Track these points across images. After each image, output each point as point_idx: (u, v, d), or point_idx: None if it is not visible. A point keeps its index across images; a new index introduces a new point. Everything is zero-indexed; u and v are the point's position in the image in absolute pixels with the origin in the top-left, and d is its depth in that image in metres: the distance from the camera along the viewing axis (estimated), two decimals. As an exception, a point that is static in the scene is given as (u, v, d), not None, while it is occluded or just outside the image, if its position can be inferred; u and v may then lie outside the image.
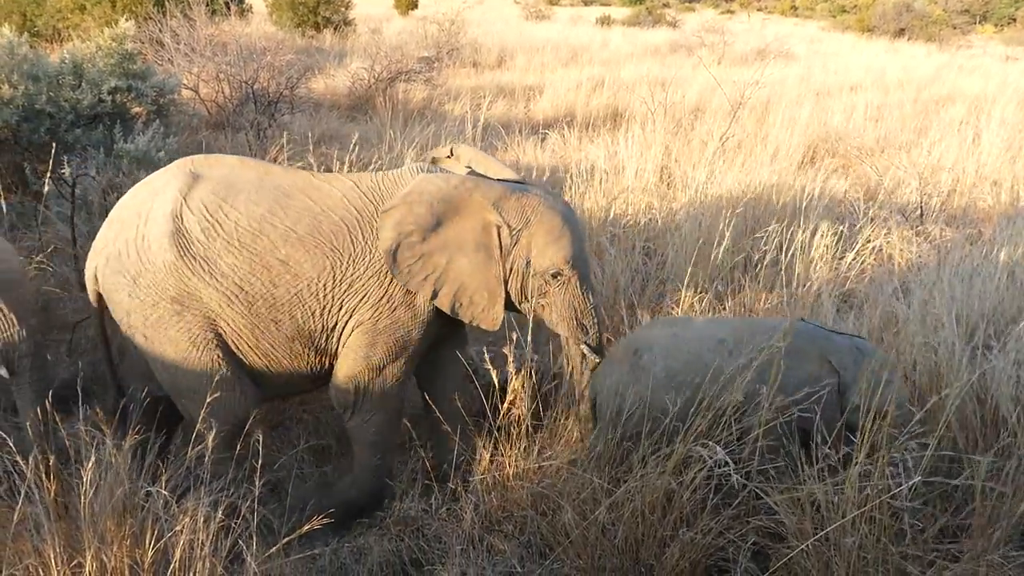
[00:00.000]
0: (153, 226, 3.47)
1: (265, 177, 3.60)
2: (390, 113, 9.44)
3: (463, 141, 7.71)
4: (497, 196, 3.60)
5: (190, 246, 3.43)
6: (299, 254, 3.46)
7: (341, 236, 3.51)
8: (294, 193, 3.55)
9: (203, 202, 3.48)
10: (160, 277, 3.42)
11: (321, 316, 3.52)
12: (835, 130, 9.94)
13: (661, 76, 13.22)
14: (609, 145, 8.48)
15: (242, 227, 3.45)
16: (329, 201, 3.57)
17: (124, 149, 6.27)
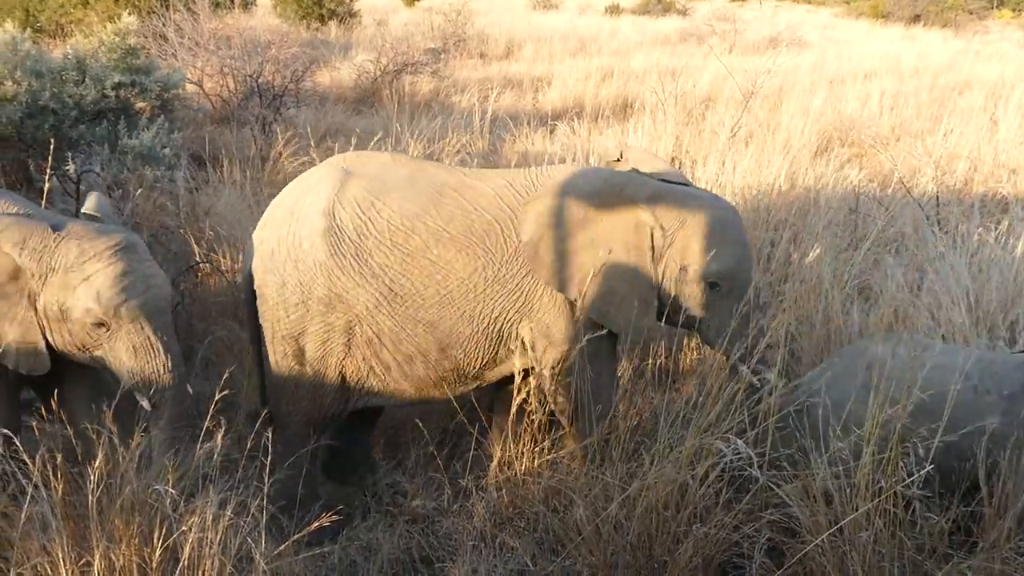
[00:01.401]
0: (305, 224, 3.45)
1: (418, 174, 3.55)
2: (396, 106, 9.43)
3: (470, 134, 7.71)
4: (651, 194, 3.42)
5: (340, 244, 3.40)
6: (450, 254, 3.39)
7: (494, 235, 3.42)
8: (447, 191, 3.49)
9: (356, 200, 3.45)
10: (309, 276, 3.42)
11: (473, 319, 3.44)
12: (849, 119, 9.89)
13: (671, 66, 13.17)
14: (619, 136, 8.47)
15: (394, 225, 3.42)
16: (482, 200, 3.48)
17: (128, 145, 6.30)
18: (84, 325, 3.20)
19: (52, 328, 3.25)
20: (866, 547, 2.89)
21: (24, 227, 3.21)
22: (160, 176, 6.06)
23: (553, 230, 3.38)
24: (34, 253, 3.19)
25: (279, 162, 7.24)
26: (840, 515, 2.97)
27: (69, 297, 3.18)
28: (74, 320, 3.21)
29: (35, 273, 3.20)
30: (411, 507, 3.64)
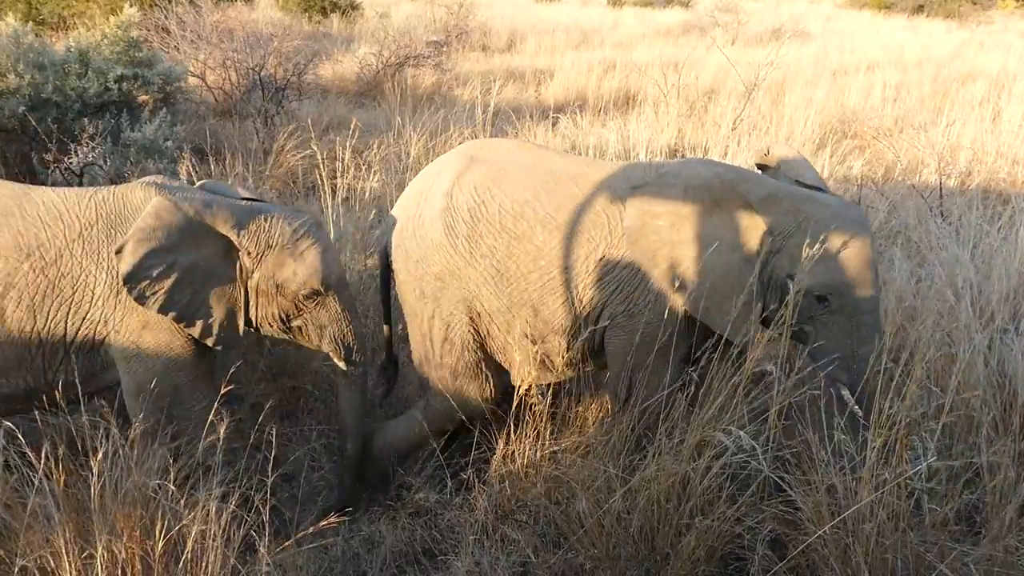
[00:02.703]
0: (429, 205, 3.60)
1: (539, 162, 3.61)
2: (399, 99, 9.42)
3: (473, 126, 7.69)
4: (766, 195, 3.28)
5: (455, 225, 3.52)
6: (555, 240, 3.44)
7: (600, 225, 3.42)
8: (562, 179, 3.53)
9: (474, 184, 3.56)
10: (428, 253, 3.56)
11: (575, 306, 3.47)
12: (852, 110, 9.85)
13: (674, 58, 13.12)
14: (622, 128, 8.44)
15: (505, 209, 3.50)
16: (594, 188, 3.50)
17: (131, 138, 6.29)
18: (296, 297, 3.41)
19: (259, 303, 3.43)
20: (869, 539, 2.89)
21: (240, 210, 3.38)
22: (163, 169, 6.05)
23: (656, 219, 3.33)
24: (250, 233, 3.35)
25: (281, 155, 7.23)
26: (843, 506, 2.96)
27: (285, 273, 3.37)
28: (288, 293, 3.41)
29: (251, 251, 3.36)
30: (414, 500, 3.63)
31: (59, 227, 3.24)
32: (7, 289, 3.17)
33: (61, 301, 3.23)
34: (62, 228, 3.24)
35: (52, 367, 3.30)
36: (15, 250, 3.18)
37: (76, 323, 3.26)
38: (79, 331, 3.27)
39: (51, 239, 3.21)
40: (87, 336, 3.29)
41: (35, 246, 3.19)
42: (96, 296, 3.25)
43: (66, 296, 3.23)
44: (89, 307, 3.26)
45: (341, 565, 3.37)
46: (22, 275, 3.17)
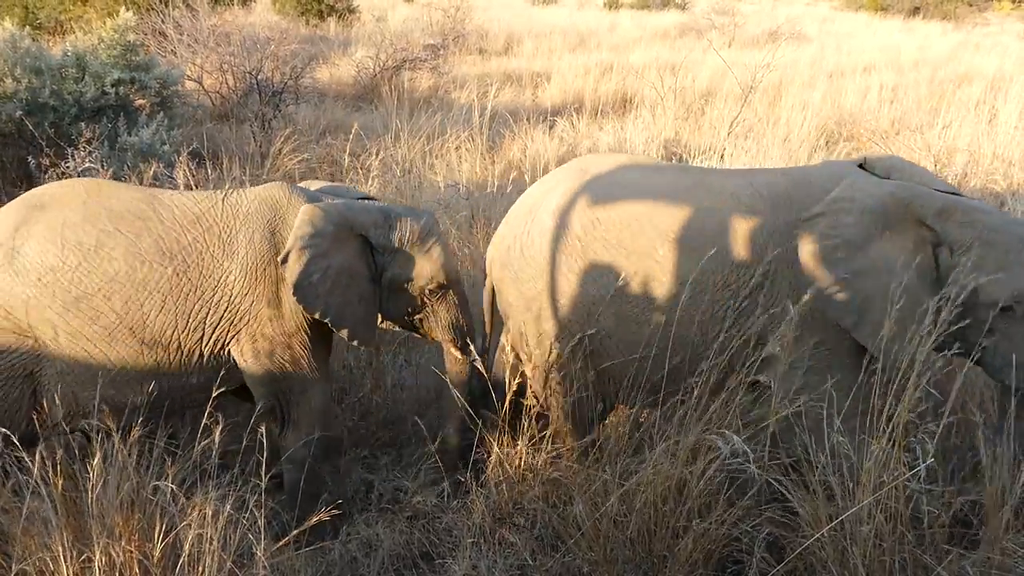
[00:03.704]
0: (538, 222, 3.54)
1: (653, 175, 3.49)
2: (396, 102, 9.42)
3: (470, 129, 7.70)
4: (939, 209, 3.13)
5: (567, 243, 3.43)
6: (677, 256, 3.28)
7: (726, 239, 3.24)
8: (680, 192, 3.38)
9: (586, 199, 3.46)
10: (538, 272, 3.49)
11: (701, 324, 3.30)
12: (849, 112, 9.87)
13: (671, 60, 13.14)
14: (619, 131, 8.45)
15: (621, 225, 3.37)
16: (717, 201, 3.33)
17: (128, 142, 6.29)
18: (422, 292, 3.57)
19: (389, 299, 3.59)
20: (867, 541, 2.89)
21: (372, 212, 3.52)
22: (159, 173, 6.04)
23: (834, 252, 3.12)
24: (382, 234, 3.51)
25: (278, 159, 7.23)
26: (841, 509, 2.97)
27: (414, 268, 3.55)
28: (417, 288, 3.57)
29: (384, 250, 3.51)
30: (411, 503, 3.63)
31: (199, 230, 3.32)
32: (151, 293, 3.23)
33: (202, 303, 3.30)
34: (202, 231, 3.33)
35: (187, 370, 3.37)
36: (158, 255, 3.25)
37: (213, 324, 3.34)
38: (215, 331, 3.36)
39: (192, 242, 3.30)
40: (221, 336, 3.38)
41: (177, 250, 3.27)
42: (234, 295, 3.34)
43: (207, 298, 3.31)
44: (227, 307, 3.35)
45: (339, 568, 3.36)
46: (166, 279, 3.25)
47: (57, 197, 3.30)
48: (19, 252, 3.18)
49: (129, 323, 3.21)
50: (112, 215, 3.25)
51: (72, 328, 3.18)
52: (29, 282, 3.16)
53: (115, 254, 3.20)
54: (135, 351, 3.24)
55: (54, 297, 3.16)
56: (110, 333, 3.20)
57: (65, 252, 3.17)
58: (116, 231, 3.22)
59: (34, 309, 3.17)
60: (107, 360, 3.22)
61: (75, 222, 3.21)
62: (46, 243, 3.18)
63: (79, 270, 3.17)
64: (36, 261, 3.17)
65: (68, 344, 3.20)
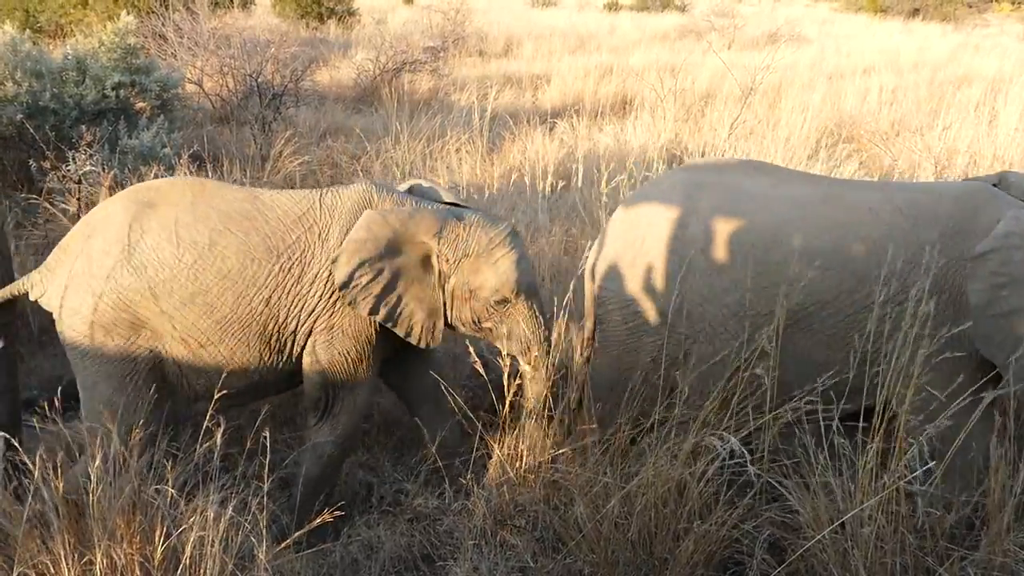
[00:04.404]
0: (655, 232, 3.46)
1: (782, 186, 3.42)
2: (396, 104, 9.43)
3: (470, 131, 7.70)
4: None
5: (690, 256, 3.36)
6: (813, 272, 3.18)
7: (865, 257, 3.15)
8: (812, 204, 3.30)
9: (712, 209, 3.38)
10: (659, 283, 3.42)
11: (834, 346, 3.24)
12: (849, 114, 9.88)
13: (670, 62, 13.16)
14: (619, 133, 8.46)
15: (752, 239, 3.29)
16: (855, 216, 3.25)
17: (128, 145, 6.30)
18: (487, 302, 3.56)
19: (454, 306, 3.61)
20: (868, 542, 2.89)
21: (440, 218, 3.55)
22: (160, 176, 6.05)
23: (1001, 292, 3.07)
24: (448, 241, 3.53)
25: (279, 161, 7.24)
26: (842, 510, 2.97)
27: (478, 279, 3.54)
28: (480, 299, 3.57)
29: (449, 258, 3.55)
30: (412, 505, 3.63)
31: (301, 230, 3.49)
32: (259, 289, 3.41)
33: (299, 297, 3.48)
34: (303, 231, 3.49)
35: (281, 360, 3.55)
36: (266, 252, 3.42)
37: (303, 317, 3.50)
38: (304, 324, 3.52)
39: (295, 241, 3.47)
40: (307, 329, 3.53)
41: (283, 248, 3.45)
42: (324, 291, 3.49)
43: (304, 292, 3.48)
44: (317, 301, 3.50)
45: (340, 571, 3.36)
46: (273, 275, 3.42)
47: (165, 195, 3.47)
48: (136, 249, 3.35)
49: (239, 316, 3.40)
50: (221, 215, 3.43)
51: (188, 322, 3.37)
52: (147, 277, 3.34)
53: (228, 252, 3.38)
54: (243, 343, 3.45)
55: (172, 293, 3.34)
56: (222, 326, 3.40)
57: (181, 250, 3.35)
58: (227, 230, 3.41)
59: (153, 303, 3.35)
60: (218, 351, 3.44)
61: (188, 221, 3.39)
62: (162, 241, 3.36)
63: (195, 267, 3.35)
64: (153, 258, 3.35)
65: (185, 336, 3.40)
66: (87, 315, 3.35)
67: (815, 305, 3.15)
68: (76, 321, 3.37)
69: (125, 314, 3.35)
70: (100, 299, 3.33)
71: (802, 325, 3.16)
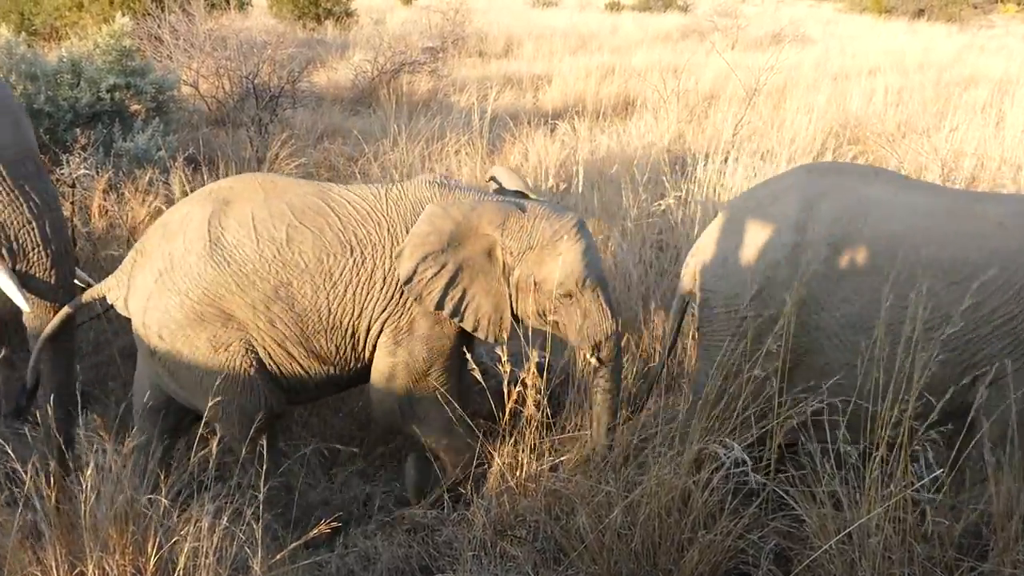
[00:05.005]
0: (766, 232, 3.38)
1: (901, 193, 3.34)
2: (394, 106, 9.42)
3: (469, 133, 7.70)
4: None
5: (807, 259, 3.27)
6: (939, 285, 3.11)
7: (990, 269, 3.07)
8: (938, 214, 3.24)
9: (835, 215, 3.29)
10: (774, 288, 3.33)
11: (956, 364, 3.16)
12: (854, 115, 9.86)
13: (673, 62, 13.15)
14: (621, 134, 8.45)
15: (877, 248, 3.22)
16: (983, 228, 3.18)
17: (123, 147, 6.29)
18: (552, 295, 3.55)
19: (519, 298, 3.62)
20: (876, 553, 2.87)
21: (503, 210, 3.57)
22: (155, 179, 6.05)
23: None
24: (512, 233, 3.55)
25: (275, 164, 7.23)
26: (849, 520, 2.95)
27: (543, 271, 3.54)
28: (544, 292, 3.56)
29: (512, 251, 3.55)
30: (410, 515, 3.61)
31: (372, 225, 3.57)
32: (334, 284, 3.50)
33: (372, 292, 3.55)
34: (374, 226, 3.57)
35: (354, 355, 3.64)
36: (340, 247, 3.51)
37: (376, 313, 3.57)
38: (376, 320, 3.58)
39: (367, 236, 3.55)
40: (380, 325, 3.59)
41: (355, 243, 3.53)
42: (396, 287, 3.56)
43: (377, 288, 3.55)
44: (390, 296, 3.56)
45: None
46: (347, 270, 3.51)
47: (239, 192, 3.58)
48: (217, 244, 3.46)
49: (317, 310, 3.50)
50: (295, 211, 3.53)
51: (272, 314, 3.48)
52: (231, 272, 3.44)
53: (304, 247, 3.48)
54: (321, 336, 3.55)
55: (255, 286, 3.45)
56: (301, 319, 3.50)
57: (261, 245, 3.46)
58: (302, 225, 3.51)
59: (239, 297, 3.45)
60: (300, 343, 3.55)
61: (264, 217, 3.50)
62: (241, 236, 3.47)
63: (275, 262, 3.46)
64: (235, 253, 3.45)
65: (268, 330, 3.49)
66: (176, 313, 3.45)
67: (940, 319, 3.05)
68: (166, 320, 3.47)
69: (212, 308, 3.45)
70: (186, 296, 3.44)
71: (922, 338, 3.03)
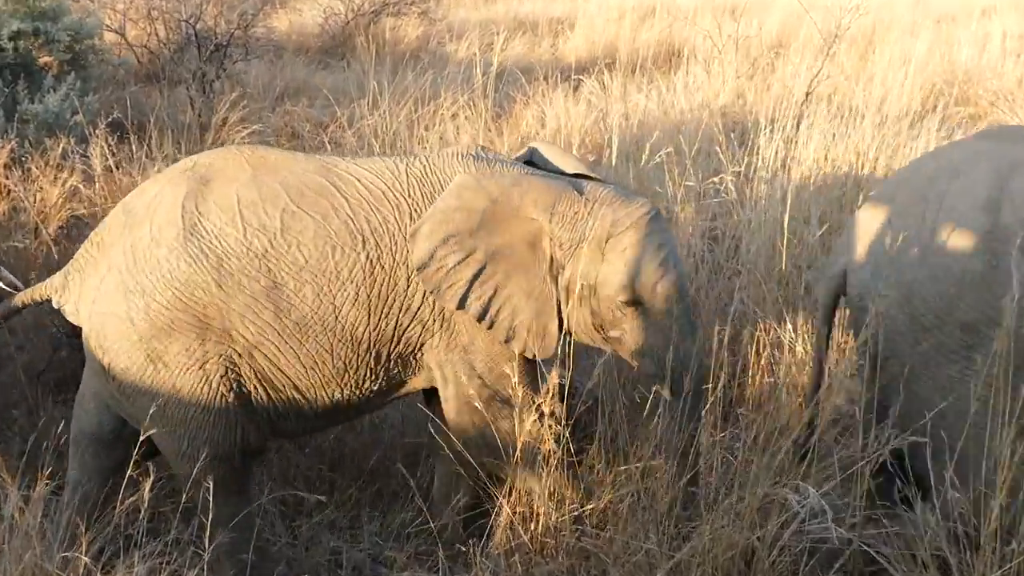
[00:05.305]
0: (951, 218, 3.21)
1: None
2: (374, 57, 9.44)
3: (470, 92, 7.71)
4: None
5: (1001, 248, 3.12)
6: None
7: None
8: None
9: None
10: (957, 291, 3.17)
11: None
12: (963, 68, 9.84)
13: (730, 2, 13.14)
14: (663, 94, 8.45)
15: None
16: None
17: (30, 111, 6.32)
18: (612, 302, 3.46)
19: (570, 306, 3.54)
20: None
21: (553, 190, 3.49)
22: (70, 150, 6.07)
23: None
24: (564, 220, 3.47)
25: (223, 131, 7.26)
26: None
27: (601, 271, 3.46)
28: (603, 298, 3.48)
29: (563, 243, 3.49)
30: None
31: (388, 209, 3.50)
32: (344, 284, 3.43)
33: (395, 295, 3.50)
34: (391, 209, 3.50)
35: (371, 375, 3.58)
36: (350, 238, 3.44)
37: (404, 321, 3.53)
38: (405, 330, 3.54)
39: (383, 223, 3.48)
40: (411, 336, 3.56)
41: (368, 232, 3.46)
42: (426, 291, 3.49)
43: (400, 289, 3.50)
44: (421, 301, 3.51)
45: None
46: (359, 267, 3.44)
47: (219, 169, 3.53)
48: (193, 234, 3.39)
49: (320, 319, 3.44)
50: (291, 192, 3.47)
51: (262, 322, 3.41)
52: (211, 268, 3.38)
53: (303, 239, 3.42)
54: (325, 350, 3.48)
55: (240, 287, 3.39)
56: (301, 328, 3.43)
57: (248, 236, 3.40)
58: (300, 211, 3.44)
59: (220, 300, 3.39)
60: (297, 360, 3.47)
61: (252, 200, 3.44)
62: (224, 224, 3.41)
63: (267, 257, 3.40)
64: (215, 245, 3.39)
65: (257, 341, 3.43)
66: (138, 320, 3.38)
67: None
68: (123, 329, 3.39)
69: (185, 314, 3.38)
70: (153, 298, 3.37)
71: None
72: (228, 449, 3.45)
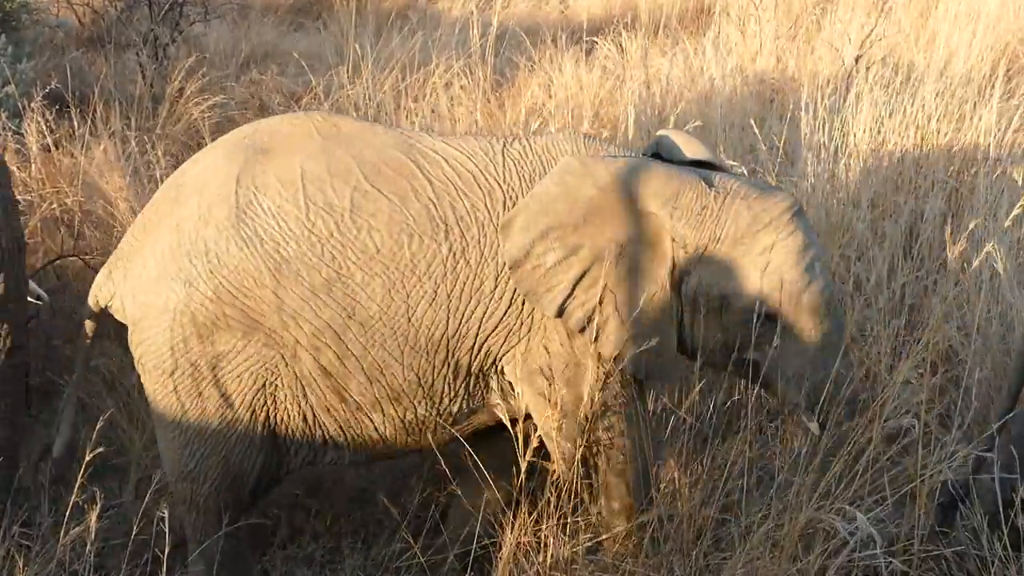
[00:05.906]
0: None
1: None
2: (354, 17, 9.45)
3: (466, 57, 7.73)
4: None
5: None
6: None
7: None
8: None
9: None
10: None
11: None
12: (1042, 26, 9.84)
13: (769, -51, 13.14)
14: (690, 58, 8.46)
15: None
16: None
17: (-46, 81, 6.34)
18: (748, 318, 3.34)
19: (695, 320, 3.44)
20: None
21: (677, 179, 3.42)
22: (3, 126, 6.09)
23: None
24: (690, 216, 3.39)
25: (179, 103, 7.27)
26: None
27: (736, 278, 3.38)
28: (736, 311, 3.39)
29: (688, 243, 3.40)
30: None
31: (477, 195, 3.46)
32: (420, 279, 3.36)
33: (480, 297, 3.42)
34: (482, 196, 3.46)
35: (451, 390, 3.49)
36: (430, 225, 3.39)
37: (488, 328, 3.43)
38: (488, 338, 3.44)
39: (470, 211, 3.43)
40: (494, 346, 3.46)
41: (453, 220, 3.41)
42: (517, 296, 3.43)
43: (486, 290, 3.42)
44: (509, 304, 3.43)
45: None
46: (440, 261, 3.39)
47: (284, 138, 3.48)
48: (246, 213, 3.33)
49: (389, 320, 3.35)
50: (366, 167, 3.43)
51: (321, 322, 3.33)
52: (264, 254, 3.32)
53: (376, 222, 3.35)
54: (394, 357, 3.38)
55: (298, 277, 3.32)
56: (366, 330, 3.36)
57: (311, 216, 3.34)
58: (375, 191, 3.38)
59: (271, 291, 3.32)
60: (360, 369, 3.38)
61: (319, 175, 3.40)
62: (283, 202, 3.35)
63: (331, 242, 3.33)
64: (271, 226, 3.34)
65: (312, 344, 3.34)
66: (177, 313, 3.32)
67: None
68: (160, 323, 3.34)
69: (232, 309, 3.32)
70: (195, 288, 3.30)
71: None
72: (241, 476, 3.41)
